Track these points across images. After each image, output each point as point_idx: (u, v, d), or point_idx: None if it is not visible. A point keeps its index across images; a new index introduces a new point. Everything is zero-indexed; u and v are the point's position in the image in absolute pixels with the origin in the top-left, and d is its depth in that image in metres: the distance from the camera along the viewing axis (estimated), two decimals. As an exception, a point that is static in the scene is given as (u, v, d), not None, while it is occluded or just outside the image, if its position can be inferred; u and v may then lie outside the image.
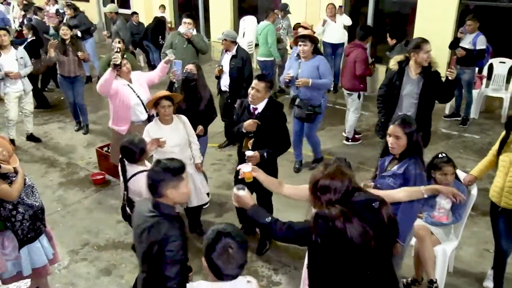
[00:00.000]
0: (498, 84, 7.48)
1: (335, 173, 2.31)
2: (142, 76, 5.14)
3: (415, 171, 2.97)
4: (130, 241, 4.50)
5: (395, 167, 3.07)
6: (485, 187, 4.37)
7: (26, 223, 3.29)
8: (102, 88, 4.73)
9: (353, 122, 6.57)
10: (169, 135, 4.07)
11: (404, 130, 2.97)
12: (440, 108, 7.57)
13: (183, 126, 4.25)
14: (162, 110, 4.04)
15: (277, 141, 3.96)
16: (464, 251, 4.29)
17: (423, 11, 8.07)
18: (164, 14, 11.35)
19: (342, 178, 2.29)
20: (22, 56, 6.44)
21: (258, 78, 3.95)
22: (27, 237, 3.32)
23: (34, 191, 3.40)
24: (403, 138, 2.98)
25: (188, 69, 4.73)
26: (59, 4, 12.65)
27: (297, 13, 8.91)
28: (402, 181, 3.00)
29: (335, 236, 2.21)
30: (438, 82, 4.34)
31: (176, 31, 6.82)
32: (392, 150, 3.06)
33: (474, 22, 6.66)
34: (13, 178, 3.18)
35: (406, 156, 3.03)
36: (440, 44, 6.97)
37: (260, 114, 3.94)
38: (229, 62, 5.99)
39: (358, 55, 6.09)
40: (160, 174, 2.43)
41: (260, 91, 3.87)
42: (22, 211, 3.25)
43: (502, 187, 3.47)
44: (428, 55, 4.31)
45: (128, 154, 3.43)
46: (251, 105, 3.97)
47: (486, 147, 6.10)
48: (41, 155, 6.58)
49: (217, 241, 2.04)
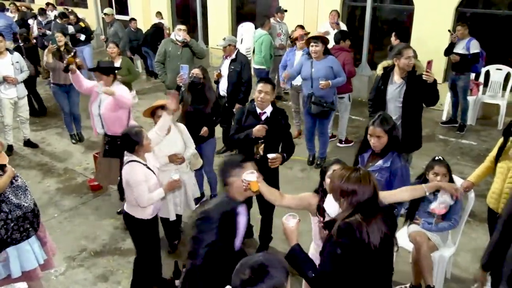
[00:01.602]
0: (494, 91, 7.52)
1: (364, 178, 2.30)
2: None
3: (400, 163, 3.14)
4: (127, 246, 4.48)
5: (379, 161, 3.19)
6: (482, 193, 4.39)
7: (10, 223, 3.26)
8: (77, 86, 5.06)
9: (345, 125, 6.75)
10: (166, 144, 4.07)
11: (384, 129, 3.11)
12: (437, 115, 7.63)
13: (181, 135, 4.27)
14: (158, 120, 4.04)
15: (286, 146, 4.01)
16: (461, 257, 4.29)
17: (420, 19, 8.14)
18: (162, 20, 11.39)
19: (369, 184, 2.30)
20: (18, 61, 6.40)
21: (264, 81, 3.97)
22: (11, 237, 3.29)
23: (26, 193, 3.38)
24: (384, 137, 3.12)
25: (194, 73, 4.81)
26: (58, 11, 12.69)
27: (295, 17, 8.95)
28: (388, 174, 3.15)
29: (357, 244, 2.20)
30: (421, 85, 4.33)
31: (168, 38, 6.74)
32: (375, 148, 3.19)
33: (463, 27, 6.73)
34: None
35: (388, 150, 3.16)
36: (437, 51, 7.02)
37: (270, 118, 3.93)
38: (228, 66, 6.02)
39: (346, 58, 6.25)
40: None
41: (269, 94, 3.88)
42: (6, 210, 3.24)
43: (500, 193, 3.48)
44: (409, 60, 4.35)
45: (124, 142, 3.50)
46: (258, 109, 3.97)
47: (483, 154, 6.13)
48: (39, 161, 6.57)
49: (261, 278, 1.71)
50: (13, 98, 6.45)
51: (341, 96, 6.39)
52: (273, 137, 3.93)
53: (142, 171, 3.45)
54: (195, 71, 4.81)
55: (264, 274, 1.67)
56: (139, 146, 3.43)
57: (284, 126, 3.99)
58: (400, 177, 3.11)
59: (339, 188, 2.32)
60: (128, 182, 3.43)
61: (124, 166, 3.48)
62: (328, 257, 2.30)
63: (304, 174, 5.98)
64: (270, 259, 1.74)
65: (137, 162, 3.45)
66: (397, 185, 3.10)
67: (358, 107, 8.00)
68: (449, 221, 3.66)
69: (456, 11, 7.84)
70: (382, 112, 3.48)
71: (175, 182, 3.56)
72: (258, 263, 1.71)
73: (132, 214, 3.57)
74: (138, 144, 3.43)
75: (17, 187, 3.32)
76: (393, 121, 3.19)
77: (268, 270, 1.68)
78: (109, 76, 4.78)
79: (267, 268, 1.69)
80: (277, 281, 1.67)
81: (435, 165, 3.63)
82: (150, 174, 3.52)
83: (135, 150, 3.45)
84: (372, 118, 3.26)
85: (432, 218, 3.70)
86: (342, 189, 2.30)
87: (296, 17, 9.19)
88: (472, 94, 7.29)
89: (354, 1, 9.32)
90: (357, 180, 2.28)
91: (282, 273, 1.70)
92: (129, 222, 3.65)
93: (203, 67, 4.94)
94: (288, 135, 4.08)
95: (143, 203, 3.44)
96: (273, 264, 1.71)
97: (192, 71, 4.86)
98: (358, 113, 7.92)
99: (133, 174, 3.41)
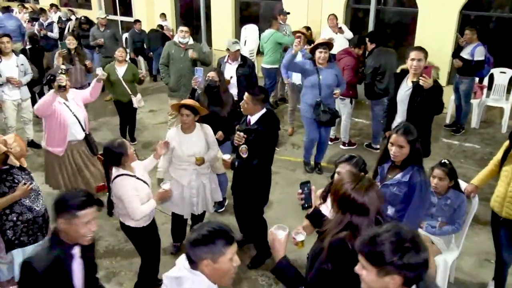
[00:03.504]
0: (498, 94, 7.50)
1: (368, 187, 2.18)
2: (78, 94, 4.92)
3: (420, 178, 2.99)
4: (129, 248, 4.48)
5: (398, 175, 3.08)
6: (486, 197, 4.37)
7: (20, 225, 3.27)
8: (42, 109, 4.40)
9: (346, 127, 6.72)
10: (187, 144, 4.09)
11: (407, 139, 2.98)
12: (441, 118, 7.61)
13: (204, 137, 4.23)
14: (182, 118, 4.07)
15: (261, 155, 3.89)
16: (465, 261, 4.27)
17: (423, 21, 8.12)
18: (165, 22, 11.42)
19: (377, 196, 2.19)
20: (23, 63, 6.44)
21: (248, 92, 3.92)
22: (19, 239, 3.30)
23: (39, 197, 3.41)
24: (406, 147, 2.99)
25: (210, 76, 4.81)
26: (62, 12, 12.74)
27: (298, 20, 8.95)
28: (407, 188, 3.02)
29: (349, 258, 2.09)
30: (425, 92, 4.25)
31: (171, 41, 6.72)
32: (395, 158, 3.06)
33: (471, 32, 6.68)
34: (15, 186, 3.23)
35: (408, 163, 3.04)
36: (441, 54, 7.02)
37: (252, 126, 3.91)
38: (235, 71, 5.94)
39: (347, 62, 6.26)
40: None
41: (248, 104, 3.86)
42: (18, 211, 3.25)
43: (504, 197, 3.46)
44: (412, 62, 4.29)
45: (109, 157, 3.45)
46: (249, 116, 3.98)
47: (487, 157, 6.12)
48: (42, 161, 6.56)
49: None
50: (16, 100, 6.48)
51: (342, 98, 6.38)
52: (253, 144, 3.85)
53: (132, 185, 3.41)
54: (211, 74, 4.82)
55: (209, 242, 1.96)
56: (124, 157, 3.39)
57: (260, 135, 3.83)
58: (419, 193, 2.99)
59: (343, 195, 2.19)
60: (119, 197, 3.41)
61: (113, 181, 3.44)
62: (317, 273, 2.23)
63: (307, 177, 5.96)
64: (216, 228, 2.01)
65: (125, 175, 3.41)
66: (416, 200, 3.00)
67: (361, 110, 8.00)
68: (452, 225, 3.65)
69: (460, 13, 7.82)
70: (407, 122, 3.36)
71: (165, 193, 3.53)
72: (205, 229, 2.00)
73: (127, 224, 3.56)
74: (123, 155, 3.38)
75: (31, 190, 3.34)
76: (416, 133, 3.06)
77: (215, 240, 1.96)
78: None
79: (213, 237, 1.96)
80: (216, 250, 1.97)
81: (435, 168, 3.64)
82: (140, 185, 3.48)
83: (121, 163, 3.40)
84: (396, 127, 3.13)
85: (436, 221, 3.69)
86: (346, 197, 2.17)
87: (300, 19, 9.20)
88: (476, 97, 7.28)
89: (357, 4, 9.32)
90: (362, 189, 2.15)
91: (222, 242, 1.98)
92: (126, 231, 3.66)
93: (219, 70, 4.97)
94: (261, 144, 3.87)
95: (136, 217, 3.42)
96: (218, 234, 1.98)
97: (208, 74, 4.87)
98: (361, 116, 7.92)
99: (124, 189, 3.37)
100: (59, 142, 4.65)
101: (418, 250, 1.68)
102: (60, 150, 4.69)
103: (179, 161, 4.13)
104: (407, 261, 1.66)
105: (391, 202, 3.10)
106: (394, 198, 3.08)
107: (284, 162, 6.38)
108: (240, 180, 4.10)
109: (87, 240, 2.36)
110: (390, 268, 1.68)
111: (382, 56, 6.19)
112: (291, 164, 6.35)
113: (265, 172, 4.06)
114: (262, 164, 3.94)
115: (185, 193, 4.18)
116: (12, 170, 3.28)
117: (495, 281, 3.79)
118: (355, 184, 2.18)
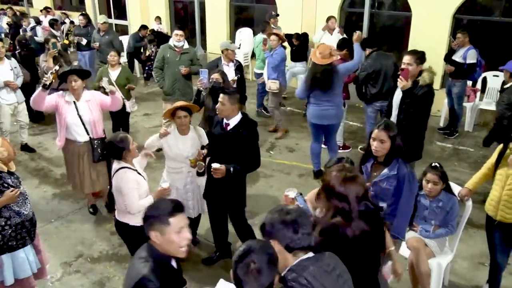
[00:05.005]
0: (491, 97, 7.55)
1: (353, 179, 2.44)
2: (97, 97, 4.88)
3: (406, 169, 3.12)
4: (123, 253, 4.46)
5: (385, 170, 3.16)
6: (480, 200, 4.39)
7: (8, 230, 3.26)
8: (33, 104, 4.57)
9: (341, 131, 6.69)
10: (183, 145, 4.12)
11: (388, 134, 3.10)
12: (435, 121, 7.65)
13: (199, 138, 4.25)
14: (178, 121, 4.08)
15: (247, 159, 3.84)
16: (459, 264, 4.28)
17: (417, 25, 8.17)
18: (160, 25, 11.42)
19: (357, 184, 2.43)
20: (16, 66, 6.46)
21: (223, 92, 3.88)
22: (7, 244, 3.29)
23: (26, 202, 3.38)
24: (388, 142, 3.11)
25: (214, 78, 4.88)
26: (56, 15, 12.72)
27: (293, 22, 8.97)
28: (396, 181, 3.13)
29: (340, 241, 2.31)
30: (417, 97, 4.24)
31: (166, 44, 6.68)
32: (377, 153, 3.17)
33: (463, 35, 6.73)
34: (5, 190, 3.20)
35: (391, 159, 3.15)
36: (434, 57, 7.03)
37: (232, 130, 3.82)
38: (234, 72, 5.98)
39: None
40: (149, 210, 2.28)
41: (225, 104, 3.75)
42: (6, 216, 3.23)
43: (499, 200, 3.48)
44: (403, 65, 4.31)
45: (111, 150, 3.52)
46: (224, 120, 3.85)
47: (480, 160, 6.14)
48: (35, 165, 6.55)
49: (243, 258, 1.90)
50: (13, 103, 6.46)
51: None
52: (235, 150, 3.78)
53: (134, 178, 3.46)
54: (215, 76, 4.90)
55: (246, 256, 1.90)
56: (126, 151, 3.45)
57: (246, 139, 3.79)
58: (408, 184, 3.10)
59: (331, 189, 2.43)
60: (120, 189, 3.43)
61: (115, 173, 3.47)
62: None
63: (302, 180, 5.97)
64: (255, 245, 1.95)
65: (128, 168, 3.46)
66: (406, 191, 3.10)
67: (355, 113, 8.02)
68: (445, 227, 3.67)
69: (453, 17, 7.88)
70: (388, 119, 3.51)
71: (164, 190, 3.57)
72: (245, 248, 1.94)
73: (125, 222, 3.55)
74: (125, 149, 3.44)
75: (20, 194, 3.32)
76: (397, 129, 3.18)
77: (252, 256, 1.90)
78: (83, 80, 4.70)
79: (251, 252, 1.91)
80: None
81: (428, 172, 3.65)
82: (141, 180, 3.53)
83: (123, 157, 3.46)
84: (378, 123, 3.30)
85: (430, 225, 3.70)
86: (333, 190, 2.41)
87: (294, 23, 9.23)
88: (469, 101, 7.32)
89: (351, 7, 9.36)
90: (345, 181, 2.40)
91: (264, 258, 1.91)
92: (122, 230, 3.63)
93: (223, 71, 5.01)
94: (253, 148, 3.86)
95: (133, 210, 3.43)
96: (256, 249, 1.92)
97: (212, 76, 4.94)
98: (355, 119, 7.95)
99: (125, 181, 3.41)
100: (60, 137, 4.83)
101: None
102: (60, 145, 4.85)
103: (174, 164, 4.14)
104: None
105: (383, 197, 3.17)
106: (386, 193, 3.16)
107: (278, 165, 6.39)
108: (218, 186, 3.93)
109: (183, 252, 2.25)
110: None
111: (380, 60, 6.08)
112: (286, 167, 6.35)
113: (243, 176, 4.03)
114: (250, 168, 3.94)
115: (181, 196, 4.16)
116: (1, 175, 3.26)
117: (490, 284, 3.80)
118: (337, 173, 2.46)
